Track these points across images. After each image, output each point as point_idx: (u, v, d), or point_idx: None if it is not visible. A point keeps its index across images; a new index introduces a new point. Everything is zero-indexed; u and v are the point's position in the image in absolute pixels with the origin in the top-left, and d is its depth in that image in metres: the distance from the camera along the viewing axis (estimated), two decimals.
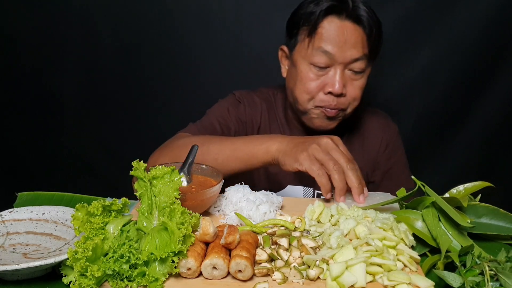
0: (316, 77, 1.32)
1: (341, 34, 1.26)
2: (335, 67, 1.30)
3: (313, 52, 1.30)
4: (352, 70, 1.31)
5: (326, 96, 1.32)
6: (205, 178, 1.14)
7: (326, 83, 1.31)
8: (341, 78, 1.30)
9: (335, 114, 1.36)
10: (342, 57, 1.28)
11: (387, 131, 1.54)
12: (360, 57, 1.29)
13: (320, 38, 1.29)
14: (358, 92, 1.34)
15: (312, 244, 0.88)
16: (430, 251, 0.94)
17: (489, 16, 1.84)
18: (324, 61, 1.29)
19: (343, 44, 1.26)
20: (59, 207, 1.01)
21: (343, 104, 1.34)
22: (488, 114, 1.97)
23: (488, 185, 1.02)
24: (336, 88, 1.29)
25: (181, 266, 0.80)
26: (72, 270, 0.79)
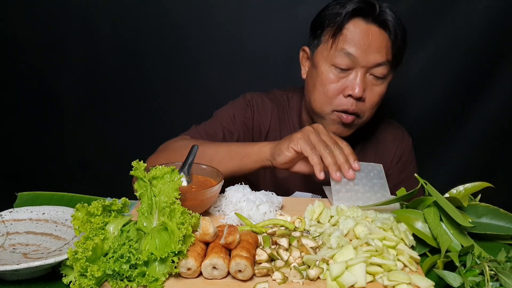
0: (337, 79, 1.30)
1: (365, 37, 1.24)
2: (357, 70, 1.27)
3: (336, 53, 1.28)
4: (374, 75, 1.29)
5: (346, 99, 1.30)
6: (205, 178, 1.14)
7: (346, 86, 1.29)
8: (362, 82, 1.27)
9: (352, 121, 1.32)
10: (364, 60, 1.26)
11: (402, 143, 1.52)
12: (383, 62, 1.27)
13: (344, 39, 1.27)
14: (376, 99, 1.32)
15: (312, 244, 0.88)
16: (430, 251, 0.94)
17: (489, 16, 1.84)
18: (346, 63, 1.27)
19: (367, 47, 1.24)
20: (59, 207, 1.01)
21: (360, 109, 1.31)
22: (488, 114, 1.97)
23: (488, 185, 1.02)
24: (356, 91, 1.26)
25: (181, 266, 0.80)
26: (72, 270, 0.79)
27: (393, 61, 1.29)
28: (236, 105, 1.50)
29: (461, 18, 1.86)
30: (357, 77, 1.27)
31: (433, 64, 1.93)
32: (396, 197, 1.04)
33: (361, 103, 1.30)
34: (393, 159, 1.51)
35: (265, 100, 1.52)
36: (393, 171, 1.50)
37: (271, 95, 1.54)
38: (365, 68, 1.27)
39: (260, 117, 1.50)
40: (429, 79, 1.95)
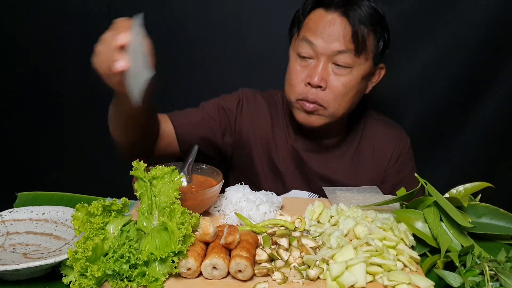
0: (301, 68, 1.30)
1: (326, 26, 1.25)
2: (319, 59, 1.27)
3: (299, 42, 1.30)
4: (337, 64, 1.27)
5: (306, 87, 1.29)
6: (205, 178, 1.15)
7: (307, 74, 1.29)
8: (322, 70, 1.26)
9: (313, 109, 1.30)
10: (324, 48, 1.25)
11: (399, 143, 1.50)
12: (343, 50, 1.24)
13: (306, 28, 1.29)
14: (341, 89, 1.28)
15: (312, 244, 0.88)
16: (430, 251, 0.94)
17: (489, 16, 1.84)
18: (308, 51, 1.28)
19: (327, 36, 1.25)
20: (59, 207, 1.01)
21: (322, 99, 1.29)
22: (488, 114, 1.97)
23: (488, 185, 1.02)
24: (315, 79, 1.26)
25: (181, 266, 0.81)
26: (72, 270, 0.79)
27: (357, 48, 1.25)
28: (225, 97, 1.51)
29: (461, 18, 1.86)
30: (317, 66, 1.27)
31: (433, 64, 1.93)
32: (396, 197, 1.04)
33: (322, 92, 1.28)
34: (390, 160, 1.50)
35: (258, 97, 1.53)
36: (390, 172, 1.50)
37: (265, 93, 1.55)
38: (326, 56, 1.26)
39: (248, 112, 1.50)
40: (429, 79, 1.95)
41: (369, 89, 1.39)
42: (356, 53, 1.25)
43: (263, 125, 1.50)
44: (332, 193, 1.20)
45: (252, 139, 1.49)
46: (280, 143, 1.48)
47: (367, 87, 1.38)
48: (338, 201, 1.14)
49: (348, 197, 1.17)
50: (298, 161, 1.46)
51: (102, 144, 2.15)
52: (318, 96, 1.28)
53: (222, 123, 1.45)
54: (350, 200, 1.15)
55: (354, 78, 1.28)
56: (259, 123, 1.50)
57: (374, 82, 1.39)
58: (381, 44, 1.31)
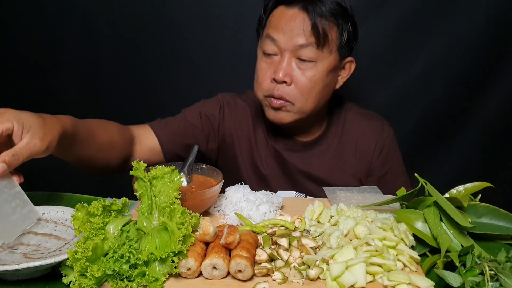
0: (267, 66, 1.31)
1: (287, 22, 1.26)
2: (283, 55, 1.28)
3: (264, 40, 1.32)
4: (301, 59, 1.27)
5: (272, 84, 1.30)
6: (205, 178, 1.15)
7: (273, 71, 1.30)
8: (286, 66, 1.27)
9: (280, 105, 1.30)
10: (286, 43, 1.26)
11: (382, 135, 1.49)
12: (305, 44, 1.25)
13: (269, 26, 1.31)
14: (306, 84, 1.28)
15: (312, 244, 0.88)
16: (430, 251, 0.94)
17: (489, 17, 1.84)
18: (271, 48, 1.29)
19: (289, 31, 1.26)
20: (59, 207, 1.01)
21: (288, 94, 1.29)
22: (488, 114, 1.97)
23: (488, 185, 1.02)
24: (279, 75, 1.26)
25: (181, 266, 0.81)
26: (72, 270, 0.79)
27: (318, 42, 1.25)
28: (206, 103, 1.51)
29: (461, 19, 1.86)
30: (282, 62, 1.28)
31: (433, 64, 1.93)
32: (396, 197, 1.04)
33: (288, 87, 1.28)
34: (374, 152, 1.48)
35: (237, 101, 1.53)
36: (375, 164, 1.49)
37: (243, 96, 1.55)
38: (289, 52, 1.27)
39: (230, 116, 1.50)
40: (429, 79, 1.95)
41: (339, 83, 1.39)
42: (317, 46, 1.25)
43: (245, 129, 1.50)
44: (332, 193, 1.20)
45: (235, 143, 1.50)
46: (262, 145, 1.49)
47: (337, 81, 1.38)
48: (338, 201, 1.14)
49: (348, 197, 1.17)
50: (280, 162, 1.47)
51: None
52: (284, 92, 1.28)
53: (205, 130, 1.46)
54: (350, 200, 1.15)
55: (319, 72, 1.28)
56: (241, 127, 1.50)
57: (344, 76, 1.39)
58: (344, 36, 1.30)
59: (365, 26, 1.91)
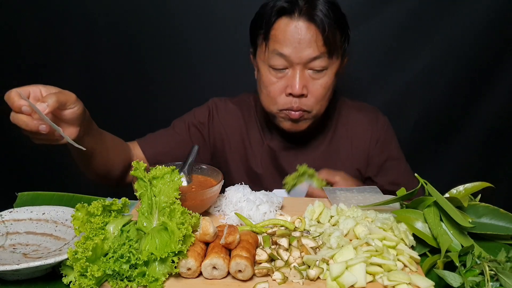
0: (277, 80, 1.30)
1: (294, 35, 1.23)
2: (294, 68, 1.27)
3: (270, 55, 1.28)
4: (313, 69, 1.27)
5: (288, 98, 1.29)
6: (205, 178, 1.15)
7: (286, 85, 1.29)
8: (301, 79, 1.26)
9: (299, 116, 1.32)
10: (298, 58, 1.24)
11: (376, 125, 1.50)
12: (317, 55, 1.24)
13: (274, 40, 1.26)
14: (321, 92, 1.30)
15: (312, 244, 0.88)
16: (430, 251, 0.94)
17: (489, 17, 1.84)
18: (281, 63, 1.27)
19: (297, 44, 1.23)
20: (59, 207, 1.01)
21: (305, 105, 1.30)
22: (488, 114, 1.97)
23: (488, 186, 1.02)
24: (296, 89, 1.26)
25: (181, 266, 0.81)
26: (72, 270, 0.79)
27: (330, 51, 1.26)
28: (196, 112, 1.52)
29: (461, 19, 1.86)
30: (295, 75, 1.26)
31: (433, 64, 1.93)
32: (396, 197, 1.04)
33: (305, 99, 1.29)
34: (370, 143, 1.49)
35: (228, 105, 1.53)
36: (373, 154, 1.49)
37: (236, 98, 1.56)
38: (301, 65, 1.26)
39: (220, 121, 1.51)
40: (429, 79, 1.95)
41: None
42: (329, 55, 1.26)
43: (237, 131, 1.51)
44: (332, 193, 1.20)
45: (227, 147, 1.51)
46: (256, 145, 1.49)
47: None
48: (338, 201, 1.14)
49: (348, 197, 1.17)
50: (275, 160, 1.47)
51: None
52: (302, 103, 1.30)
53: (194, 141, 1.47)
54: (350, 200, 1.15)
55: (330, 78, 1.30)
56: (232, 130, 1.51)
57: (341, 73, 1.39)
58: (346, 39, 1.32)
59: (365, 26, 1.91)
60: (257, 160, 1.49)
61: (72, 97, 1.01)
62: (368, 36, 1.92)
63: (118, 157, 1.29)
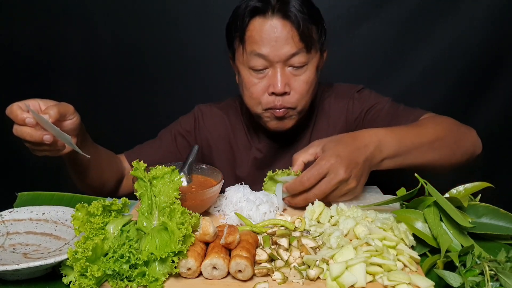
0: (258, 81, 1.29)
1: (270, 34, 1.22)
2: (274, 67, 1.26)
3: (248, 57, 1.27)
4: (293, 66, 1.27)
5: (271, 97, 1.29)
6: (205, 178, 1.15)
7: (268, 84, 1.28)
8: (282, 77, 1.26)
9: (284, 114, 1.31)
10: (277, 56, 1.24)
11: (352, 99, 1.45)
12: (295, 52, 1.24)
13: (251, 41, 1.26)
14: (304, 87, 1.29)
15: (312, 244, 0.88)
16: (430, 251, 0.94)
17: (490, 17, 1.84)
18: (261, 63, 1.26)
19: (274, 43, 1.23)
20: (59, 207, 1.01)
21: (289, 102, 1.29)
22: (489, 114, 1.97)
23: (488, 186, 1.02)
24: (278, 87, 1.25)
25: (181, 266, 0.81)
26: (72, 270, 0.79)
27: (307, 46, 1.25)
28: (182, 121, 1.53)
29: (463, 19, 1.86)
30: (276, 74, 1.26)
31: (434, 64, 1.93)
32: (396, 197, 1.04)
33: (288, 96, 1.29)
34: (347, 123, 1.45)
35: (213, 110, 1.53)
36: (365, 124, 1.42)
37: (222, 104, 1.56)
38: (281, 63, 1.25)
39: (206, 127, 1.51)
40: (430, 80, 1.95)
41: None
42: (308, 50, 1.26)
43: (224, 136, 1.51)
44: None
45: (214, 153, 1.51)
46: (244, 149, 1.49)
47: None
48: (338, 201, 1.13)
49: None
50: (263, 163, 1.47)
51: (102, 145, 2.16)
52: (286, 101, 1.29)
53: (181, 150, 1.48)
54: None
55: (312, 73, 1.30)
56: (219, 135, 1.51)
57: (321, 66, 1.39)
58: (323, 33, 1.31)
59: (365, 26, 1.91)
60: (245, 164, 1.49)
61: (70, 108, 1.05)
62: (368, 36, 1.92)
63: (111, 169, 1.32)
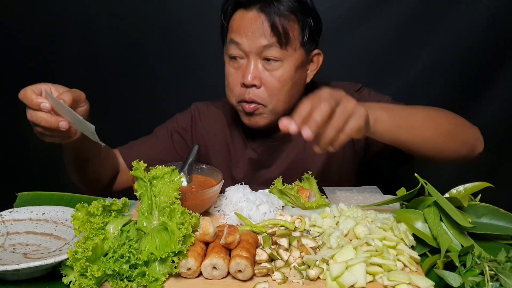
0: (234, 71, 1.31)
1: (248, 25, 1.26)
2: (249, 58, 1.28)
3: (228, 45, 1.32)
4: (267, 59, 1.27)
5: (242, 88, 1.29)
6: (205, 178, 1.15)
7: (242, 75, 1.29)
8: (254, 68, 1.27)
9: (253, 109, 1.30)
10: (250, 46, 1.26)
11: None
12: (268, 44, 1.25)
13: (231, 31, 1.31)
14: (275, 84, 1.27)
15: (312, 244, 0.88)
16: (430, 251, 0.94)
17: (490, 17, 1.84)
18: (237, 52, 1.29)
19: (250, 33, 1.25)
20: (59, 207, 1.01)
21: (259, 97, 1.28)
22: (488, 114, 1.97)
23: (488, 186, 1.02)
24: (248, 78, 1.26)
25: (181, 266, 0.81)
26: (72, 270, 0.79)
27: (280, 41, 1.25)
28: (178, 118, 1.52)
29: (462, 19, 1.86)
30: (249, 65, 1.27)
31: (433, 64, 1.93)
32: (396, 197, 1.04)
33: (258, 90, 1.28)
34: None
35: (211, 108, 1.53)
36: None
37: (219, 103, 1.55)
38: (255, 54, 1.27)
39: (202, 125, 1.51)
40: (429, 80, 1.95)
41: (310, 77, 1.37)
42: (281, 45, 1.25)
43: (220, 135, 1.50)
44: (332, 193, 1.20)
45: (210, 151, 1.50)
46: (240, 148, 1.48)
47: (307, 75, 1.36)
48: (338, 201, 1.14)
49: (348, 197, 1.17)
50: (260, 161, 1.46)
51: None
52: (255, 95, 1.28)
53: (177, 148, 1.47)
54: (350, 200, 1.15)
55: (287, 71, 1.27)
56: (215, 133, 1.50)
57: (313, 70, 1.37)
58: (306, 32, 1.29)
59: (365, 26, 1.91)
60: (241, 162, 1.48)
61: (83, 95, 1.03)
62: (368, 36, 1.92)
63: (108, 163, 1.31)
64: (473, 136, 1.24)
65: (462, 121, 1.25)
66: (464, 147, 1.21)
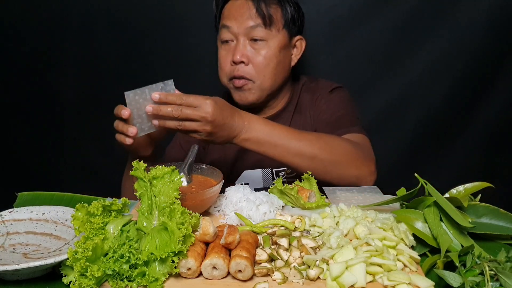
0: (226, 53, 1.48)
1: (237, 10, 1.45)
2: (238, 39, 1.45)
3: (220, 31, 1.49)
4: (254, 39, 1.44)
5: (232, 66, 1.46)
6: (205, 178, 1.15)
7: (232, 55, 1.45)
8: (242, 47, 1.44)
9: (242, 84, 1.45)
10: (238, 28, 1.44)
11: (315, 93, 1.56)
12: (254, 25, 1.43)
13: (223, 17, 1.50)
14: (261, 61, 1.43)
15: (312, 244, 0.88)
16: (430, 251, 0.94)
17: (490, 17, 1.84)
18: (227, 35, 1.46)
19: (239, 17, 1.44)
20: (59, 207, 1.01)
21: (248, 73, 1.44)
22: (489, 114, 1.97)
23: (488, 186, 1.02)
24: (237, 56, 1.43)
25: (181, 266, 0.81)
26: (72, 270, 0.79)
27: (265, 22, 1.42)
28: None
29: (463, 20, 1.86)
30: (237, 45, 1.45)
31: (434, 65, 1.93)
32: (396, 197, 1.04)
33: (246, 67, 1.44)
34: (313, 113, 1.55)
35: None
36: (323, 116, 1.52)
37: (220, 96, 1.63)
38: (242, 35, 1.44)
39: None
40: (430, 80, 1.95)
41: (294, 61, 1.55)
42: (265, 26, 1.43)
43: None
44: (332, 193, 1.20)
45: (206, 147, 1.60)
46: None
47: (291, 59, 1.53)
48: (338, 201, 1.14)
49: (348, 197, 1.17)
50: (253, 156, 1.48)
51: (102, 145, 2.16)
52: (244, 71, 1.44)
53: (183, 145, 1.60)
54: (350, 200, 1.15)
55: (272, 50, 1.45)
56: None
57: (297, 54, 1.55)
58: (288, 15, 1.47)
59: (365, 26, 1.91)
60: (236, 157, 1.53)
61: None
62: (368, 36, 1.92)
63: None
64: (356, 175, 1.27)
65: (351, 160, 1.27)
66: (343, 181, 1.26)
